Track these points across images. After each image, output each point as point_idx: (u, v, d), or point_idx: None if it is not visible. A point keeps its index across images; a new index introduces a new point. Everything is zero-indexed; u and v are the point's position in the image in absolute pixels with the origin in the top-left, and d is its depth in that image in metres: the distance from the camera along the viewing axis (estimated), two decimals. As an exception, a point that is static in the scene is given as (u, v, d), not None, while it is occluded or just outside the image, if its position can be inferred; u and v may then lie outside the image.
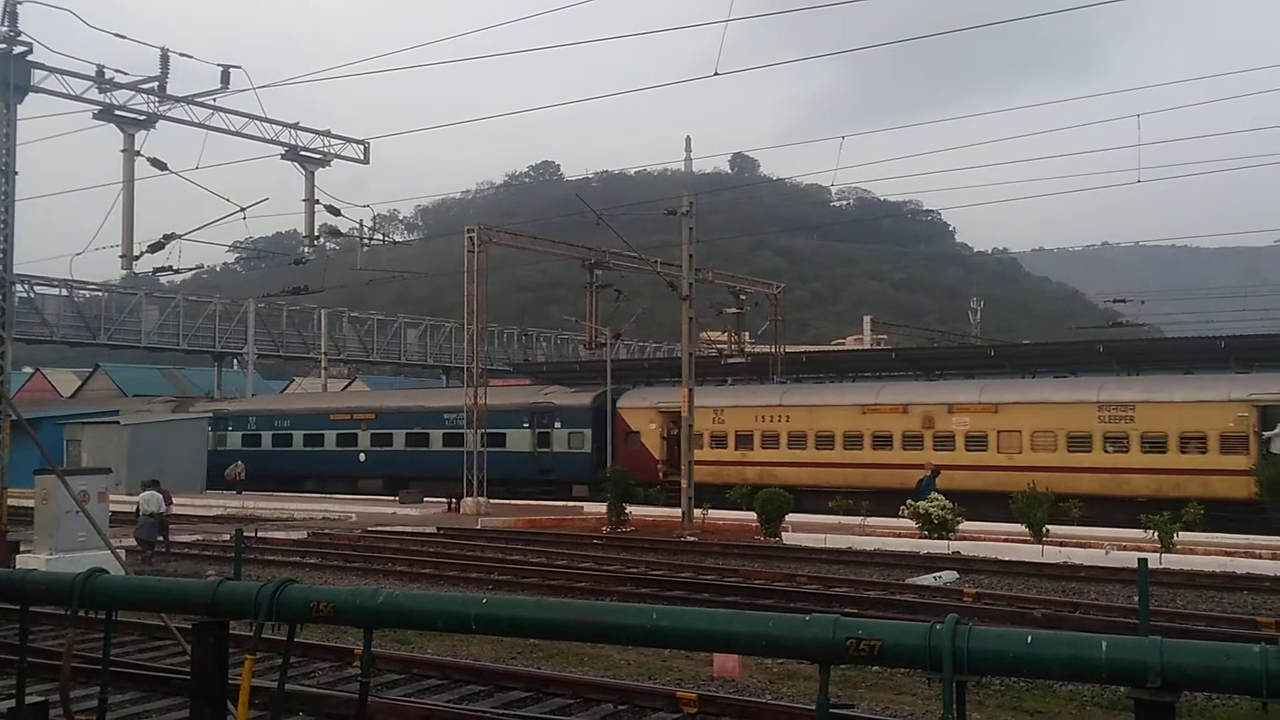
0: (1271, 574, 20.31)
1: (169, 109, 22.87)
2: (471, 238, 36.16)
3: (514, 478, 40.78)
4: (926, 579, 19.94)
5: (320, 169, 25.96)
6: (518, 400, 44.11)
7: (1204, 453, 30.80)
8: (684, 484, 30.93)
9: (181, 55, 22.14)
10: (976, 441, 34.55)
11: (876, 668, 10.98)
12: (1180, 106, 28.48)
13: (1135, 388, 32.99)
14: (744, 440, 38.71)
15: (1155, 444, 31.61)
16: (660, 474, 40.04)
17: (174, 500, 25.76)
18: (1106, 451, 32.29)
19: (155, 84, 22.07)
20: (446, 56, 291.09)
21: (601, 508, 31.81)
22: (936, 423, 35.16)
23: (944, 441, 35.00)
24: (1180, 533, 23.77)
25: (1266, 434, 29.83)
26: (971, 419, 34.73)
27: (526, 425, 42.93)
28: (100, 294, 56.22)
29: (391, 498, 40.31)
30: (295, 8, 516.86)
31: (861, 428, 35.84)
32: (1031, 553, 23.56)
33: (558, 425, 42.46)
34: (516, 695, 10.92)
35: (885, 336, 78.97)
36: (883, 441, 36.02)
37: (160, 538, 23.70)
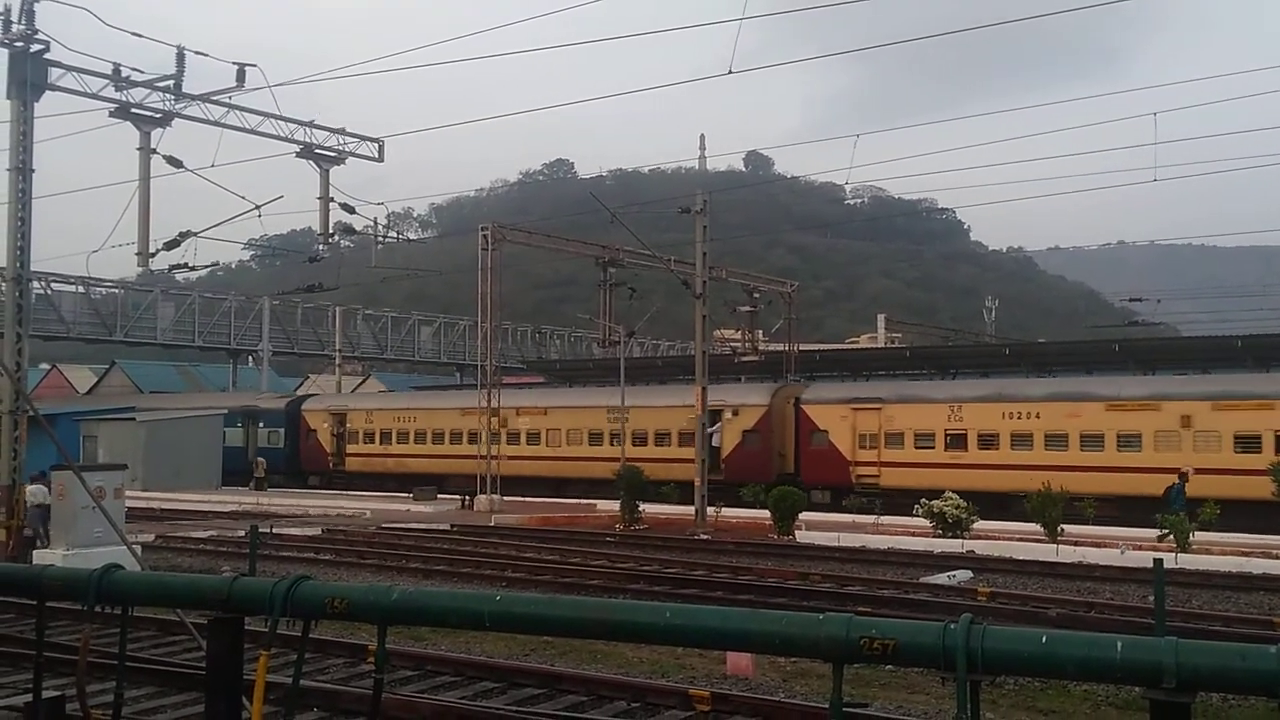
0: (1288, 575, 20.18)
1: (185, 107, 22.95)
2: (486, 236, 36.17)
3: (230, 468, 46.96)
4: (941, 578, 19.90)
5: (335, 167, 26.03)
6: (232, 404, 51.99)
7: (671, 445, 39.07)
8: (697, 481, 30.90)
9: (197, 54, 22.22)
10: (533, 438, 42.72)
11: (890, 667, 10.96)
12: (1197, 105, 28.15)
13: (631, 396, 39.49)
14: (386, 437, 47.19)
15: (641, 439, 39.64)
16: (330, 464, 48.81)
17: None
18: (612, 445, 39.49)
19: (171, 82, 22.14)
20: (461, 55, 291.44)
21: (614, 505, 31.95)
22: (509, 422, 41.54)
23: (513, 438, 42.06)
24: (1196, 533, 23.67)
25: (709, 429, 36.04)
26: (531, 420, 42.83)
27: (240, 424, 50.30)
28: (116, 291, 56.51)
29: (405, 494, 40.59)
30: (311, 6, 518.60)
31: (461, 426, 43.85)
32: (1046, 552, 23.49)
33: (261, 425, 50.79)
34: (529, 692, 10.94)
35: (899, 335, 78.72)
36: (474, 437, 41.84)
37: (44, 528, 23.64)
